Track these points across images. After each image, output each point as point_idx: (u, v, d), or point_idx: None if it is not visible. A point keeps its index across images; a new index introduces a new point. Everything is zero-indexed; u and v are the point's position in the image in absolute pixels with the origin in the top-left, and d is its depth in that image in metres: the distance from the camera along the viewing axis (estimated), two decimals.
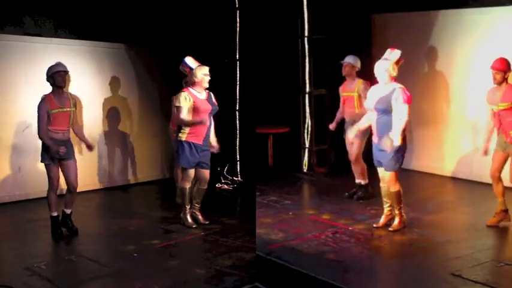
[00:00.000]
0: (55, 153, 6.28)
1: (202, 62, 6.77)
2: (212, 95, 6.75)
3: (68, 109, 6.43)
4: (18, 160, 7.98)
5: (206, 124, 6.56)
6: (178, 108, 6.56)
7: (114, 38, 8.87)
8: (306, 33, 8.95)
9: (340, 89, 7.63)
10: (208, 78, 6.62)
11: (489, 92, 6.30)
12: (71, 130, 6.57)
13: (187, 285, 5.22)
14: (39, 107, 6.35)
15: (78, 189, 6.68)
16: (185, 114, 6.52)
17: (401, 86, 6.10)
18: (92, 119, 8.70)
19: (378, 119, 6.18)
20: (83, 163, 8.22)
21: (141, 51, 9.22)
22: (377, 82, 6.27)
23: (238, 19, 8.86)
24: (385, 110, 6.07)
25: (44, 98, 6.38)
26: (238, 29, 8.88)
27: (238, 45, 8.91)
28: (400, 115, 5.99)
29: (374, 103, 6.17)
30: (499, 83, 6.13)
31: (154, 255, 5.95)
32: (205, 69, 6.63)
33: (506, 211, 6.32)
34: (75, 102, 6.58)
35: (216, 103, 6.74)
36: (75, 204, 6.79)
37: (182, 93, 6.58)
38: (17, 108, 7.95)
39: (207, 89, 6.68)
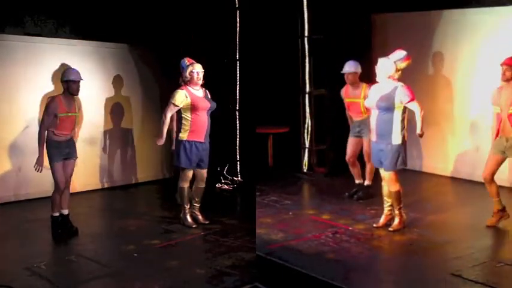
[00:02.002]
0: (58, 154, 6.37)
1: (203, 62, 6.78)
2: (208, 92, 6.76)
3: (74, 114, 6.51)
4: (18, 160, 7.98)
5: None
6: (171, 104, 6.53)
7: (115, 38, 8.87)
8: (306, 33, 8.95)
9: (343, 93, 7.51)
10: (198, 75, 6.61)
11: (494, 92, 6.28)
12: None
13: (187, 285, 5.22)
14: (46, 107, 6.42)
15: (79, 189, 6.70)
16: (171, 114, 6.56)
17: (403, 84, 6.11)
18: (93, 119, 8.71)
19: (378, 117, 6.17)
20: (83, 163, 8.24)
21: (142, 52, 9.22)
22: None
23: (238, 19, 8.86)
24: (388, 108, 6.06)
25: (54, 99, 6.43)
26: (238, 29, 8.88)
27: (238, 45, 8.91)
28: (415, 111, 6.08)
29: (376, 101, 6.16)
30: (508, 80, 6.12)
31: (154, 255, 5.95)
32: (195, 67, 6.63)
33: (503, 209, 6.33)
34: (80, 106, 6.64)
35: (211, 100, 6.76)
36: (76, 204, 6.80)
37: (180, 91, 6.57)
38: (17, 108, 7.95)
39: (203, 86, 6.71)
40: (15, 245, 6.32)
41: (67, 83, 6.43)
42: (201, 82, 6.65)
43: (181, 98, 6.51)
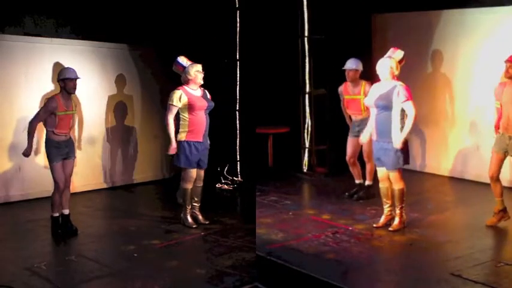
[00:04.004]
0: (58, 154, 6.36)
1: (203, 62, 6.78)
2: (207, 92, 6.76)
3: (72, 112, 6.53)
4: (18, 160, 7.96)
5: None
6: (170, 106, 6.57)
7: (115, 38, 8.86)
8: (306, 33, 8.95)
9: (342, 90, 7.53)
10: (202, 75, 6.65)
11: (496, 88, 6.27)
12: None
13: (187, 285, 5.22)
14: (45, 104, 6.44)
15: (79, 189, 6.69)
16: (173, 116, 6.54)
17: (402, 83, 6.13)
18: (93, 119, 8.70)
19: (377, 115, 6.18)
20: (83, 163, 8.26)
21: (142, 52, 9.21)
22: (379, 80, 6.27)
23: (238, 19, 8.87)
24: (386, 107, 6.08)
25: (53, 98, 6.43)
26: (238, 29, 8.88)
27: (238, 45, 8.91)
28: (408, 112, 6.03)
29: (374, 99, 6.18)
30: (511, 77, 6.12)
31: (154, 255, 5.95)
32: (198, 67, 6.66)
33: (504, 210, 6.33)
34: (76, 105, 6.62)
35: (210, 99, 6.76)
36: (76, 204, 6.80)
37: (177, 91, 6.59)
38: (17, 108, 7.95)
39: (201, 86, 6.71)
40: (15, 245, 6.31)
41: (64, 81, 6.42)
42: (202, 82, 6.67)
43: (177, 98, 6.53)
